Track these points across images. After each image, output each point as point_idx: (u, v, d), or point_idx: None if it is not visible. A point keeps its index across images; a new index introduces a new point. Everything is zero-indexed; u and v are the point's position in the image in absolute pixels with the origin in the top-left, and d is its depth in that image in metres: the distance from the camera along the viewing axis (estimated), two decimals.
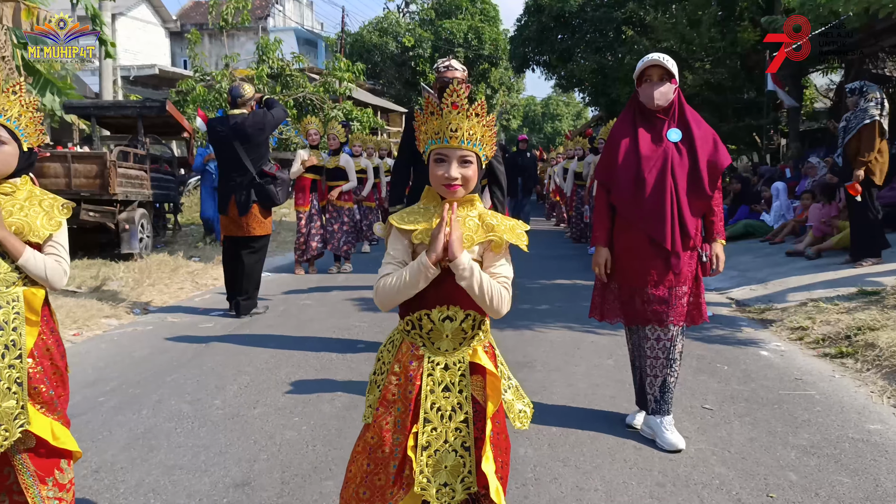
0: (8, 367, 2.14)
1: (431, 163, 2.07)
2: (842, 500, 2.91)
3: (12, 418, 2.13)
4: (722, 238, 3.48)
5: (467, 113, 2.03)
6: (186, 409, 3.89)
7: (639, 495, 2.94)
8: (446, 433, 2.04)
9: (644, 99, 3.37)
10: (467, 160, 2.04)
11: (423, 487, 1.99)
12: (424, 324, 2.07)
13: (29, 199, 2.25)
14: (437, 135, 2.05)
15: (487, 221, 2.09)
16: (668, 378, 3.46)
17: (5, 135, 2.17)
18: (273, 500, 2.84)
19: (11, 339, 2.15)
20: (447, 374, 2.07)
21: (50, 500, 2.27)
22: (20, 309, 2.18)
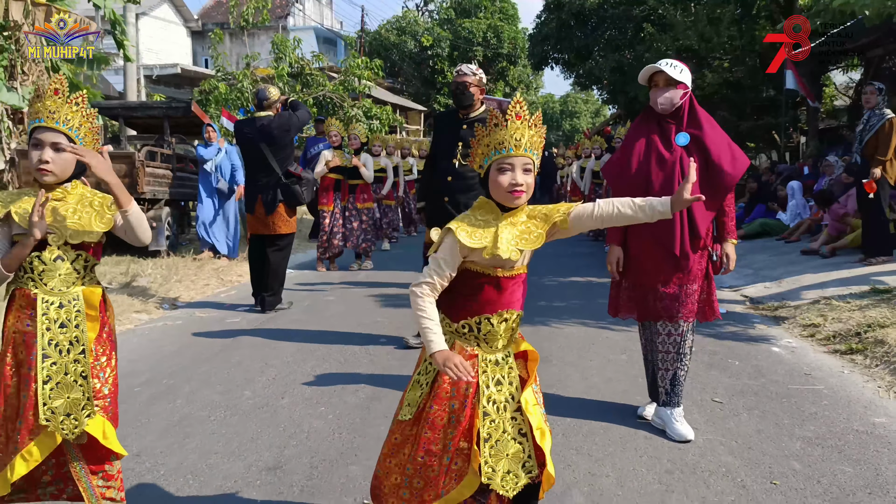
0: (73, 361, 2.35)
1: (494, 172, 2.19)
2: (843, 487, 3.06)
3: (80, 408, 2.34)
4: (733, 238, 3.62)
5: (528, 123, 2.19)
6: (218, 399, 4.09)
7: (648, 481, 3.10)
8: (503, 423, 2.23)
9: (652, 103, 3.52)
10: (528, 168, 2.19)
11: (489, 477, 2.16)
12: (483, 327, 2.24)
13: (80, 202, 2.43)
14: (501, 145, 2.18)
15: (538, 214, 2.24)
16: (678, 371, 3.61)
17: (66, 142, 2.37)
18: (303, 483, 3.03)
19: (75, 335, 2.35)
20: (498, 370, 2.26)
21: (100, 489, 2.48)
22: (81, 307, 2.38)
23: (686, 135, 3.44)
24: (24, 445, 2.31)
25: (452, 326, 2.27)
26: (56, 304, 2.37)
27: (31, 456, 2.31)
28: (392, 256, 10.43)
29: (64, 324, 2.36)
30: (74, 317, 2.38)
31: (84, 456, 2.45)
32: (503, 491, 2.19)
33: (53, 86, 2.36)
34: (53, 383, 2.34)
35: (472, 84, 4.86)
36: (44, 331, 2.34)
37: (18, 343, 2.36)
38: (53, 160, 2.35)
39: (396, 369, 4.74)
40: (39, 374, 2.32)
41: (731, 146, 3.50)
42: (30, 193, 2.43)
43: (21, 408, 2.33)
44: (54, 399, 2.33)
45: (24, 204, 2.37)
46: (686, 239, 3.42)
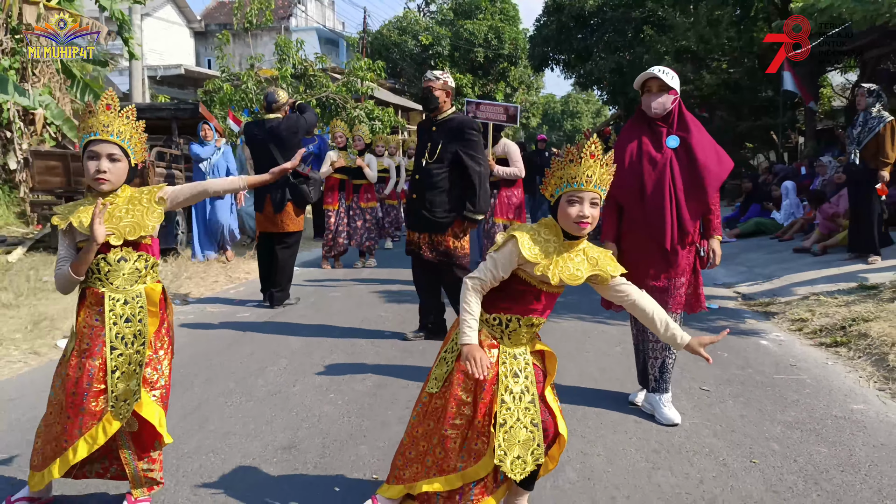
0: (135, 352, 2.59)
1: (563, 203, 2.41)
2: (817, 466, 3.29)
3: (132, 394, 2.57)
4: (719, 234, 3.85)
5: (600, 161, 2.40)
6: (233, 387, 4.33)
7: (636, 460, 3.34)
8: (518, 412, 2.46)
9: (644, 108, 3.76)
10: (595, 202, 2.41)
11: (500, 460, 2.39)
12: (511, 325, 2.49)
13: (130, 202, 2.68)
14: (574, 179, 2.39)
15: (593, 259, 2.47)
16: (666, 360, 3.85)
17: (120, 153, 2.61)
18: (316, 460, 3.27)
19: (138, 328, 2.61)
20: (515, 363, 2.50)
21: (143, 471, 2.72)
22: (143, 303, 2.63)
23: (676, 137, 3.68)
24: (87, 430, 2.54)
25: (484, 316, 2.51)
26: (121, 300, 2.61)
27: (94, 440, 2.54)
28: (394, 254, 10.66)
29: (129, 318, 2.61)
30: (138, 312, 2.62)
31: (133, 442, 2.69)
32: (512, 475, 2.42)
33: (105, 101, 2.60)
34: (119, 373, 2.58)
35: (437, 88, 5.16)
36: (111, 325, 2.58)
37: (86, 336, 2.60)
38: (110, 170, 2.59)
39: (400, 360, 4.98)
40: (109, 365, 2.56)
41: (716, 149, 3.73)
42: (85, 203, 2.66)
43: (84, 395, 2.56)
44: (119, 387, 2.58)
45: (82, 214, 2.60)
46: (675, 235, 3.65)
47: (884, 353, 4.93)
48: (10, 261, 8.39)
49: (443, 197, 5.15)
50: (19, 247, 9.14)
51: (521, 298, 2.48)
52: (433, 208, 5.17)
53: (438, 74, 5.23)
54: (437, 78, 5.19)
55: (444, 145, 5.12)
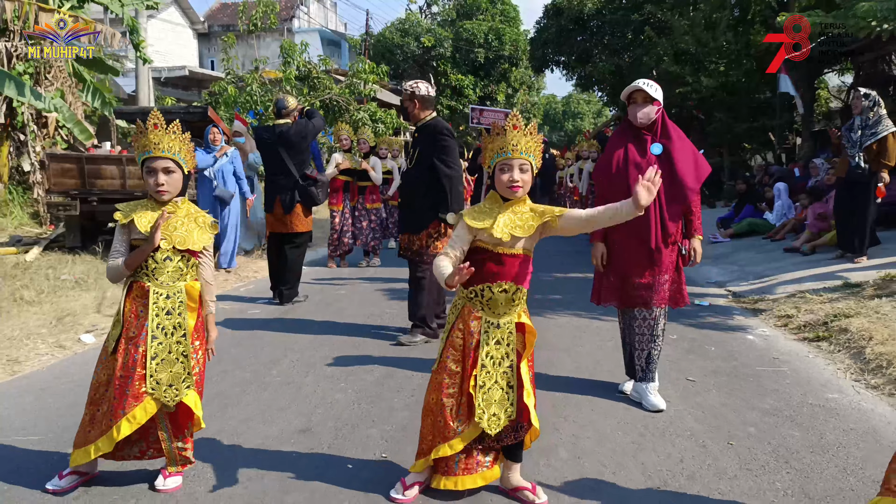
0: (176, 343, 2.92)
1: (497, 172, 2.80)
2: (789, 448, 3.59)
3: (181, 381, 2.89)
4: (699, 234, 4.15)
5: (524, 132, 2.78)
6: (249, 377, 4.64)
7: (623, 442, 3.63)
8: (496, 375, 2.81)
9: (631, 118, 4.06)
10: (525, 168, 2.80)
11: (479, 417, 2.75)
12: (486, 294, 2.84)
13: (187, 216, 3.03)
14: (503, 150, 2.79)
15: (538, 210, 2.83)
16: (652, 351, 4.15)
17: (173, 165, 2.95)
18: (329, 441, 3.58)
19: (178, 321, 2.93)
20: (498, 332, 2.83)
21: (178, 449, 3.03)
22: (183, 298, 2.96)
23: (660, 145, 3.98)
24: (129, 410, 2.85)
25: (464, 293, 2.88)
26: (164, 295, 2.94)
27: (135, 419, 2.85)
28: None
29: (169, 311, 2.94)
30: (178, 306, 2.95)
31: (171, 423, 3.01)
32: (488, 429, 2.76)
33: (152, 121, 2.93)
34: (159, 359, 2.90)
35: (405, 100, 5.47)
36: (153, 316, 2.90)
37: (132, 325, 2.92)
38: (167, 182, 2.95)
39: (405, 353, 5.28)
40: (148, 352, 2.88)
41: (695, 155, 4.03)
42: (144, 205, 3.01)
43: (129, 378, 2.87)
44: (159, 372, 2.90)
45: (141, 215, 2.94)
46: (659, 235, 3.95)
47: (861, 346, 5.22)
48: (28, 260, 8.70)
49: (421, 200, 5.40)
50: (35, 246, 9.45)
51: (486, 266, 2.81)
52: (413, 210, 5.48)
53: (409, 85, 5.49)
54: (407, 89, 5.47)
55: (422, 151, 5.41)
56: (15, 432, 3.63)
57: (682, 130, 4.16)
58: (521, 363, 2.85)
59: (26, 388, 4.43)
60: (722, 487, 3.15)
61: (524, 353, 2.89)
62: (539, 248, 2.86)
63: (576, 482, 3.17)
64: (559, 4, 23.72)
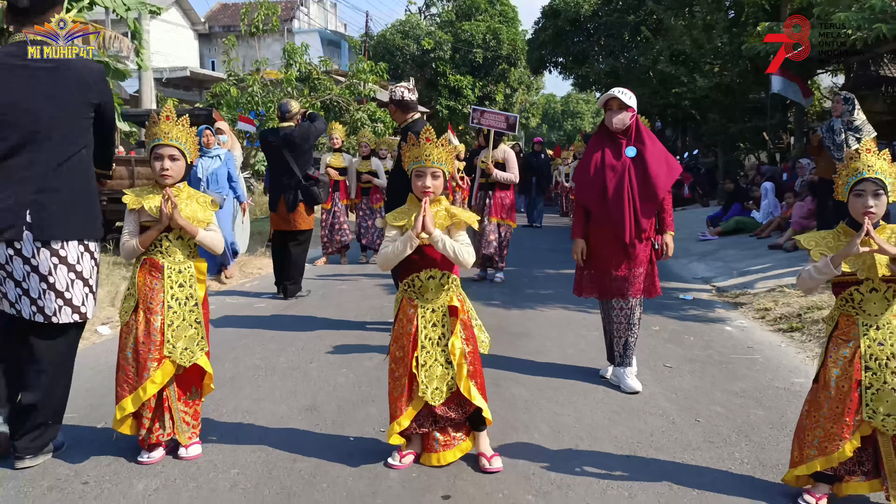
0: (189, 311, 3.29)
1: (413, 177, 3.24)
2: (751, 424, 3.95)
3: (195, 344, 3.27)
4: (671, 230, 4.51)
5: (435, 144, 3.21)
6: (259, 363, 5.00)
7: (599, 418, 4.00)
8: (436, 354, 3.22)
9: (607, 123, 4.42)
10: (436, 174, 3.22)
11: (422, 392, 3.17)
12: (415, 283, 3.27)
13: (189, 198, 3.43)
14: (417, 158, 3.22)
15: (451, 211, 3.26)
16: (629, 338, 4.51)
17: (178, 153, 3.34)
18: (333, 418, 3.94)
19: (189, 292, 3.30)
20: (433, 316, 3.25)
21: (181, 412, 3.39)
22: (193, 272, 3.35)
23: (634, 148, 4.34)
24: (152, 373, 3.23)
25: (401, 286, 3.33)
26: (177, 269, 3.34)
27: (157, 380, 3.23)
28: None
29: (182, 284, 3.33)
30: (189, 279, 3.34)
31: (178, 385, 3.38)
32: (431, 401, 3.17)
33: (165, 113, 3.31)
34: (175, 326, 3.29)
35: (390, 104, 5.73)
36: (168, 289, 3.29)
37: (149, 297, 3.29)
38: (171, 167, 3.34)
39: None
40: (165, 319, 3.26)
41: (667, 158, 4.39)
42: (150, 190, 3.38)
43: (150, 345, 3.23)
44: (175, 338, 3.28)
45: (150, 199, 3.32)
46: (633, 231, 4.31)
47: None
48: None
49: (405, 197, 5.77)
50: None
51: (412, 258, 3.22)
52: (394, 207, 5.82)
53: (391, 89, 5.82)
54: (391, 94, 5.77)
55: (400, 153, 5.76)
56: None
57: (654, 134, 4.53)
58: (453, 337, 3.24)
59: None
60: (685, 457, 3.51)
61: (454, 329, 3.25)
62: (531, 245, 3.25)
63: (552, 452, 3.54)
64: (556, 6, 24.07)
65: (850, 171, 2.88)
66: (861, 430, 2.82)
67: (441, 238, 3.16)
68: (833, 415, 2.87)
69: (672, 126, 26.71)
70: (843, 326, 2.97)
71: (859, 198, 2.84)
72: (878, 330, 2.87)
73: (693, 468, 3.39)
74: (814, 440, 2.91)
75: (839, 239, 2.96)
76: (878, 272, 2.83)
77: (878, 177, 2.82)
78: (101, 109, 3.33)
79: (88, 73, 3.29)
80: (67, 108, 3.21)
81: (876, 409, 2.81)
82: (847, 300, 2.95)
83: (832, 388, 2.90)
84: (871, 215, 2.80)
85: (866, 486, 2.92)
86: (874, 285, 2.87)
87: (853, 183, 2.87)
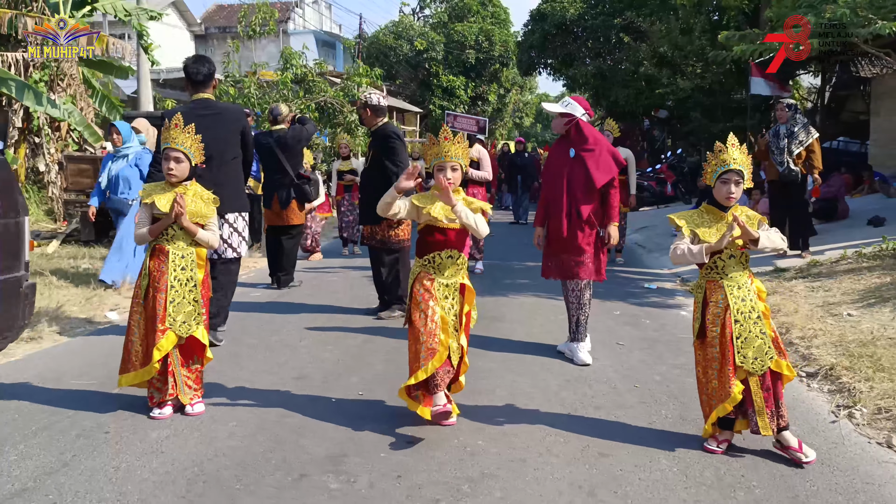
0: (189, 291, 3.88)
1: (435, 170, 3.72)
2: (684, 391, 4.52)
3: (192, 318, 3.86)
4: (615, 222, 5.09)
5: (453, 141, 3.74)
6: (255, 342, 5.59)
7: (550, 385, 4.60)
8: (449, 320, 3.70)
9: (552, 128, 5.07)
10: (455, 168, 3.73)
11: (443, 349, 3.62)
12: (436, 260, 3.76)
13: (195, 195, 4.00)
14: (438, 154, 3.73)
15: (468, 200, 3.76)
16: (580, 316, 5.11)
17: (183, 156, 3.92)
18: (319, 384, 4.54)
19: (190, 275, 3.89)
20: (447, 290, 3.76)
21: (185, 377, 3.97)
22: (194, 258, 3.94)
23: (573, 150, 4.97)
24: (159, 340, 3.80)
25: (419, 262, 3.81)
26: (180, 255, 3.92)
27: (163, 347, 3.80)
28: None
29: (184, 267, 3.91)
30: (190, 264, 3.92)
31: (181, 353, 3.95)
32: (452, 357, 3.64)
33: (174, 122, 3.91)
34: (175, 303, 3.86)
35: (360, 108, 6.38)
36: (171, 271, 3.88)
37: (156, 279, 3.88)
38: (176, 168, 3.92)
39: (383, 324, 6.24)
40: (168, 298, 3.83)
41: (607, 157, 4.96)
42: (161, 187, 3.98)
43: (155, 319, 3.82)
44: (176, 313, 3.86)
45: (160, 196, 3.90)
46: (573, 223, 4.91)
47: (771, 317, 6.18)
48: (49, 252, 9.63)
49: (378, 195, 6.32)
50: (54, 240, 10.38)
51: (434, 236, 3.75)
52: (372, 205, 6.37)
53: (363, 96, 6.41)
54: (361, 99, 6.39)
55: (375, 153, 6.33)
56: (74, 379, 4.60)
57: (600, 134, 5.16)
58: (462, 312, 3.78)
59: (73, 350, 5.41)
60: (619, 414, 4.11)
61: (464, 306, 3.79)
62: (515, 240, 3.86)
63: (506, 410, 4.13)
64: (543, 10, 24.69)
65: (718, 161, 3.52)
66: (738, 375, 3.42)
67: (463, 209, 3.65)
68: (720, 367, 3.48)
69: (658, 126, 27.37)
70: (711, 290, 3.57)
71: (725, 185, 3.51)
72: (739, 289, 3.51)
73: (624, 423, 3.98)
74: (712, 392, 3.52)
75: (702, 216, 3.62)
76: (734, 243, 3.51)
77: (740, 168, 3.47)
78: (244, 134, 5.44)
79: (236, 113, 5.56)
80: (228, 136, 5.32)
81: (745, 354, 3.44)
82: (712, 268, 3.55)
83: (717, 345, 3.51)
84: (731, 199, 3.50)
85: (743, 424, 3.53)
86: (732, 252, 3.53)
87: (720, 172, 3.51)
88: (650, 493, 3.14)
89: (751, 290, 3.54)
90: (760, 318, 3.50)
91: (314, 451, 3.52)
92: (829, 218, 10.44)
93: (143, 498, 3.03)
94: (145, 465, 3.34)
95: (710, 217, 3.60)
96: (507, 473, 3.31)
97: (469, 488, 3.16)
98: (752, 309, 3.50)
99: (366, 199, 6.49)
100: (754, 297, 3.54)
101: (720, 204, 3.57)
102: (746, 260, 3.60)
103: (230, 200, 5.20)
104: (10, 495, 3.05)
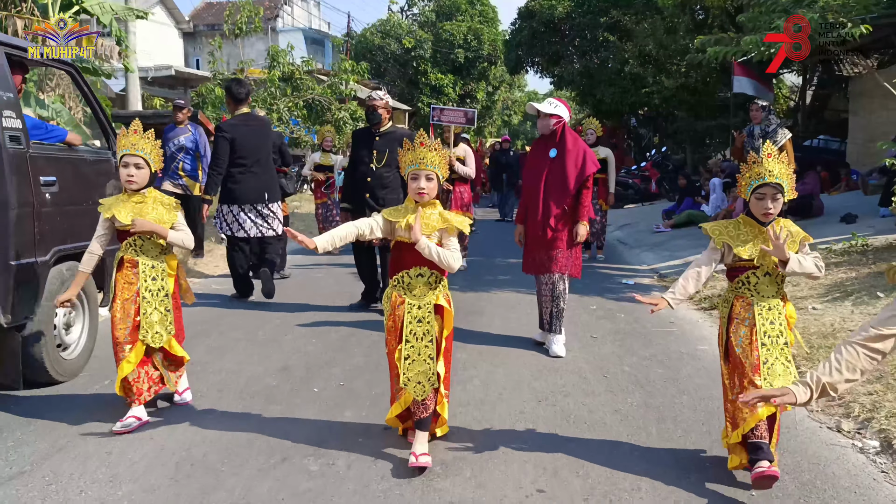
0: (160, 301, 3.93)
1: (409, 179, 3.39)
2: (649, 379, 4.77)
3: (164, 328, 3.93)
4: (584, 220, 5.28)
5: (430, 148, 3.39)
6: (240, 336, 5.79)
7: (524, 375, 4.82)
8: (420, 349, 3.35)
9: (538, 128, 5.27)
10: (430, 177, 3.39)
11: (404, 384, 3.34)
12: (405, 279, 3.40)
13: (154, 202, 3.96)
14: (412, 162, 3.37)
15: (444, 216, 3.40)
16: (553, 308, 5.33)
17: (143, 163, 3.88)
18: (302, 375, 4.74)
19: (161, 285, 3.94)
20: (420, 312, 3.38)
21: (173, 376, 4.12)
22: (164, 268, 3.96)
23: (554, 150, 5.17)
24: (127, 355, 3.83)
25: (391, 281, 3.47)
26: (150, 265, 3.92)
27: (131, 360, 3.83)
28: None
29: (154, 277, 3.92)
30: (160, 274, 3.95)
31: (164, 357, 4.04)
32: (414, 395, 3.33)
33: (133, 128, 3.86)
34: (148, 314, 3.89)
35: (380, 107, 6.48)
36: (142, 282, 3.88)
37: (126, 289, 3.89)
38: (136, 175, 3.86)
39: (366, 317, 6.45)
40: (142, 308, 3.87)
41: (583, 159, 5.17)
42: (121, 198, 3.92)
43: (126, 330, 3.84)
44: (148, 325, 3.86)
45: (119, 209, 3.84)
46: (547, 220, 5.13)
47: None
48: None
49: (394, 194, 6.48)
50: None
51: (402, 254, 3.42)
52: (387, 205, 6.55)
53: (381, 95, 6.57)
54: (381, 98, 6.53)
55: (391, 153, 6.47)
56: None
57: (578, 136, 5.37)
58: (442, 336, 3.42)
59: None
60: (587, 401, 4.34)
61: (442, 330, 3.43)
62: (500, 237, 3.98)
63: (480, 398, 4.35)
64: (531, 8, 24.91)
65: (752, 174, 3.21)
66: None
67: (427, 245, 3.28)
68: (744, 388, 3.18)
69: (645, 124, 27.65)
70: (738, 308, 3.31)
71: (760, 201, 3.19)
72: (770, 311, 3.23)
73: (591, 409, 4.21)
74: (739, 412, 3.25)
75: (739, 228, 3.30)
76: (771, 261, 3.21)
77: (778, 181, 3.17)
78: (277, 144, 7.42)
79: (269, 124, 7.44)
80: (267, 144, 7.06)
81: (772, 383, 3.12)
82: (743, 283, 3.29)
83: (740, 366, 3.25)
84: (769, 216, 3.19)
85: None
86: (767, 269, 3.24)
87: (755, 186, 3.20)
88: (610, 473, 3.36)
89: (781, 314, 3.26)
90: (787, 345, 3.25)
91: (296, 437, 3.72)
92: (803, 215, 10.70)
93: (134, 478, 3.23)
94: (136, 449, 3.54)
95: (748, 230, 3.28)
96: (477, 456, 3.53)
97: (441, 469, 3.38)
98: (780, 334, 3.24)
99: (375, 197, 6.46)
100: (784, 322, 3.26)
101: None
102: (782, 280, 3.30)
103: (273, 193, 7.01)
104: (9, 478, 3.25)
